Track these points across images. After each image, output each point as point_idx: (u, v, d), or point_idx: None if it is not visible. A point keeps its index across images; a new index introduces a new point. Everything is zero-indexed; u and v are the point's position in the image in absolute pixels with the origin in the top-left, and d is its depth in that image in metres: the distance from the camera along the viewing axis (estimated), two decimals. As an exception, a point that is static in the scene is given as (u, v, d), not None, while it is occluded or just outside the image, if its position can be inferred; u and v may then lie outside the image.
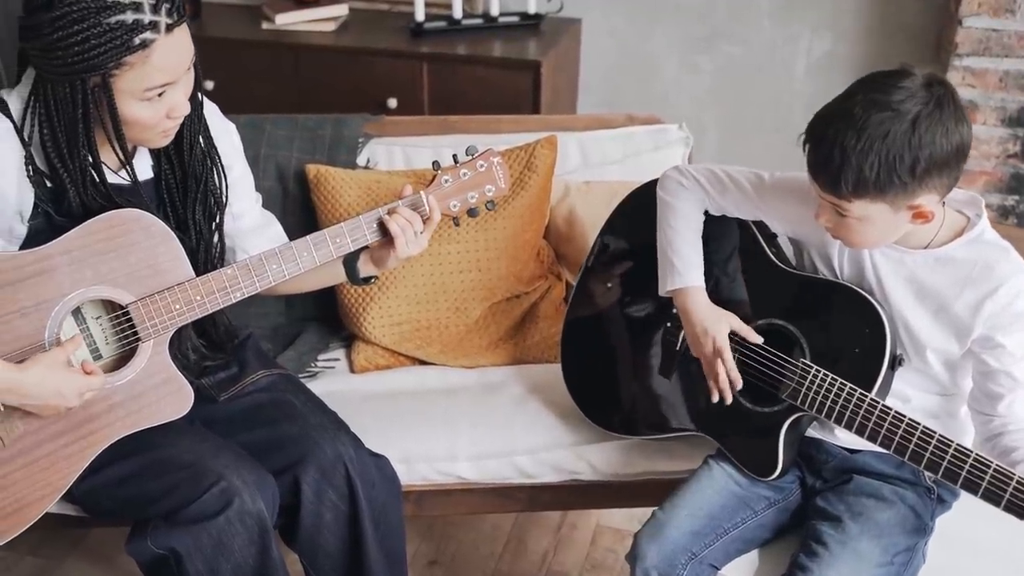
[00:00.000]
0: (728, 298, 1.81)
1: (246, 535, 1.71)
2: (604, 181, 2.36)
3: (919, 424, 1.53)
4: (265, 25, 3.21)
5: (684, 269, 1.77)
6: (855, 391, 1.59)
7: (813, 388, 1.64)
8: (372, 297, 2.21)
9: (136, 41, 1.52)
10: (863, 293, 1.63)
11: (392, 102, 3.08)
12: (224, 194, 1.84)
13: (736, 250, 1.82)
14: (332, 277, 1.92)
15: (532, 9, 3.19)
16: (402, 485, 1.94)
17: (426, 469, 2.03)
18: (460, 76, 3.05)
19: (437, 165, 1.83)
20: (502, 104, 2.97)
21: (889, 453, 1.59)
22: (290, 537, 1.86)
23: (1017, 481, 1.43)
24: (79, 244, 1.64)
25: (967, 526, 1.73)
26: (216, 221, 1.84)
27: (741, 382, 1.72)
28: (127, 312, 1.67)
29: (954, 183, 1.49)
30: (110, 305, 1.71)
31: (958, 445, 1.49)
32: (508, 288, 2.27)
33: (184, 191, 1.79)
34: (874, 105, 1.43)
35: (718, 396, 1.74)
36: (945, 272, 1.58)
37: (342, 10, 3.27)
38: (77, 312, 1.69)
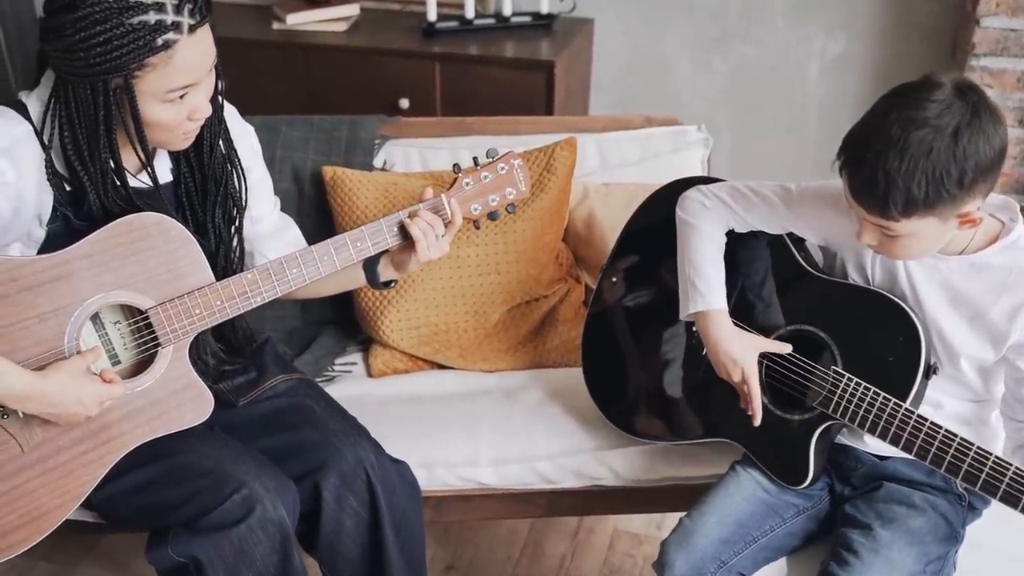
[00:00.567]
0: (756, 303, 1.79)
1: (268, 543, 1.69)
2: (623, 183, 2.35)
3: (956, 435, 1.51)
4: (276, 25, 3.19)
5: (707, 291, 1.73)
6: (889, 400, 1.57)
7: (845, 397, 1.62)
8: (390, 300, 2.19)
9: (159, 42, 1.49)
10: (897, 300, 1.61)
11: (404, 102, 3.06)
12: (244, 198, 1.82)
13: (764, 254, 1.80)
14: (351, 281, 1.90)
15: (545, 9, 3.17)
16: (422, 491, 1.92)
17: (446, 475, 2.01)
18: (472, 76, 3.03)
19: (458, 168, 1.81)
20: (515, 105, 2.95)
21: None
22: (310, 544, 1.85)
23: None
24: (99, 248, 1.62)
25: (998, 534, 1.71)
26: (236, 225, 1.82)
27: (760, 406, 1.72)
28: (147, 317, 1.65)
29: (995, 184, 1.48)
30: (129, 310, 1.69)
31: (996, 457, 1.47)
32: (527, 291, 2.25)
33: (203, 194, 1.77)
34: (912, 123, 1.40)
35: (750, 412, 1.72)
36: (980, 278, 1.56)
37: (353, 10, 3.24)
38: (96, 317, 1.66)
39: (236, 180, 1.80)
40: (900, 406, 1.57)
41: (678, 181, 1.95)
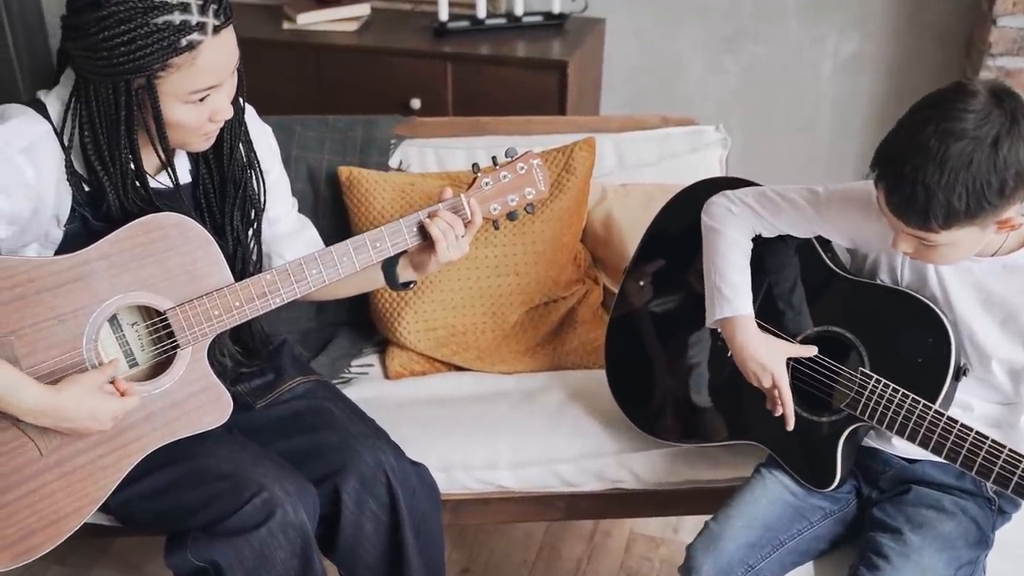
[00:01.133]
0: (782, 305, 1.77)
1: (288, 547, 1.67)
2: (641, 183, 2.33)
3: (986, 437, 1.50)
4: (286, 25, 3.17)
5: (733, 297, 1.71)
6: (918, 402, 1.56)
7: (873, 399, 1.61)
8: (407, 302, 2.17)
9: (183, 42, 1.48)
10: (926, 301, 1.59)
11: (416, 103, 3.04)
12: (262, 200, 1.80)
13: (791, 255, 1.78)
14: (370, 282, 1.88)
15: (556, 9, 3.15)
16: (441, 493, 1.90)
17: (466, 478, 1.99)
18: (484, 76, 3.01)
19: (477, 167, 1.79)
20: (527, 105, 2.93)
21: (952, 464, 1.55)
22: (328, 547, 1.82)
23: None
24: (117, 249, 1.60)
25: (1027, 538, 1.70)
26: (254, 227, 1.80)
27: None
28: (165, 318, 1.63)
29: None
30: (147, 311, 1.67)
31: None
32: (545, 293, 2.23)
33: (222, 196, 1.75)
34: (950, 135, 1.37)
35: (781, 416, 1.71)
36: (1013, 280, 1.55)
37: (364, 9, 3.22)
38: (113, 318, 1.65)
39: (255, 182, 1.78)
40: (929, 408, 1.55)
41: (703, 182, 1.93)
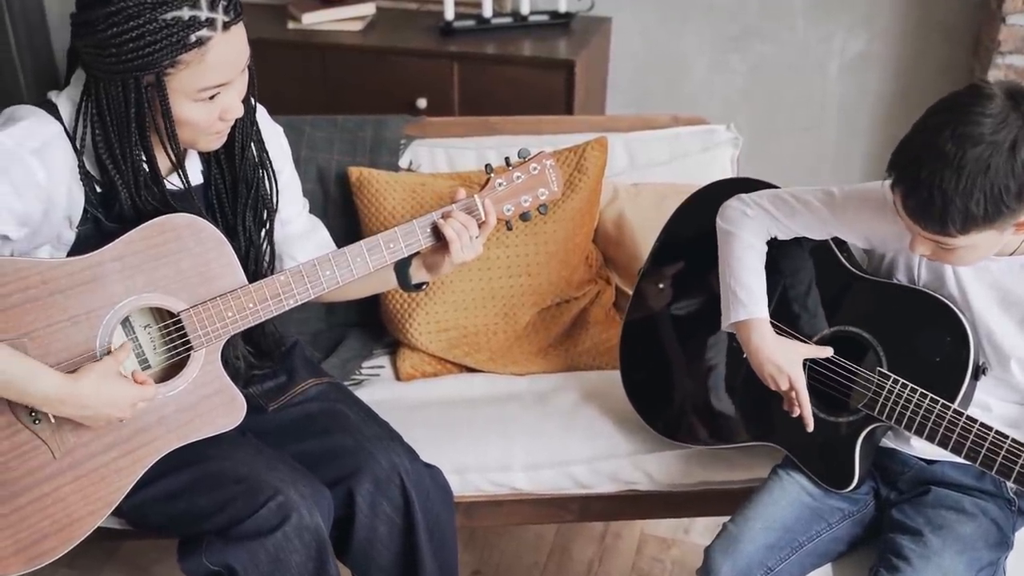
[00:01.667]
0: (798, 305, 1.76)
1: (304, 551, 1.66)
2: (653, 183, 2.32)
3: (1007, 437, 1.49)
4: (291, 25, 3.16)
5: (748, 300, 1.70)
6: (937, 402, 1.55)
7: (891, 399, 1.60)
8: (418, 303, 2.16)
9: (192, 39, 1.46)
10: (944, 300, 1.59)
11: (422, 102, 3.03)
12: (275, 200, 1.78)
13: (806, 256, 1.77)
14: (383, 284, 1.87)
15: (563, 8, 3.14)
16: (454, 496, 1.89)
17: (479, 480, 1.98)
18: (491, 76, 2.99)
19: (490, 168, 1.78)
20: (534, 104, 2.92)
21: (971, 464, 1.54)
22: (342, 550, 1.81)
23: None
24: (131, 250, 1.59)
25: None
26: (266, 228, 1.79)
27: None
28: (178, 320, 1.62)
29: None
30: (158, 313, 1.66)
31: None
32: (558, 293, 2.22)
33: (234, 197, 1.74)
34: (967, 140, 1.36)
35: (798, 417, 1.70)
36: None
37: (369, 9, 3.21)
38: (125, 320, 1.63)
39: (267, 183, 1.77)
40: (948, 407, 1.54)
41: (718, 182, 1.93)
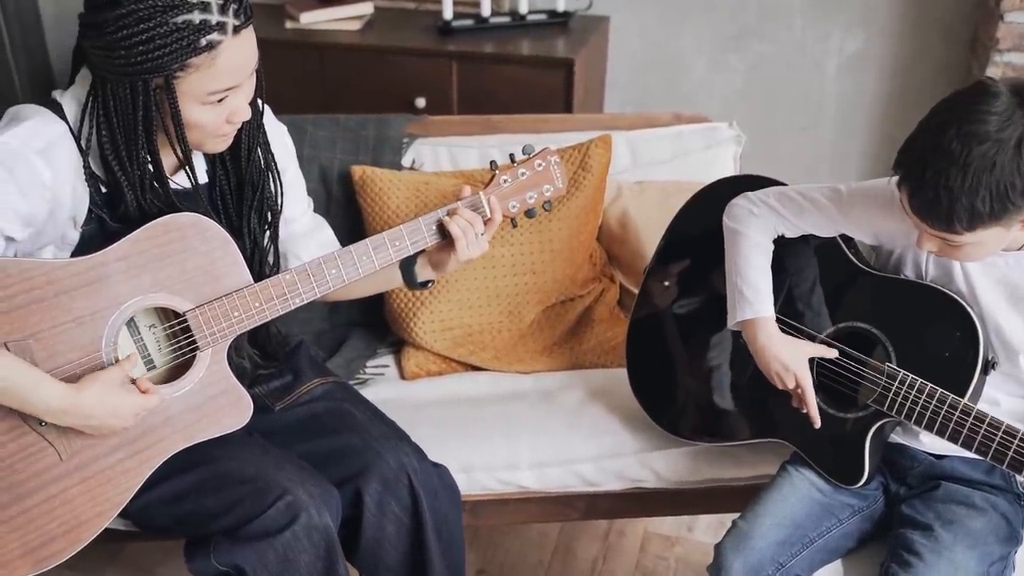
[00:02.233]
0: (806, 302, 1.76)
1: (313, 550, 1.65)
2: (656, 181, 2.32)
3: (1018, 430, 1.49)
4: (289, 24, 3.15)
5: (754, 299, 1.70)
6: (947, 396, 1.55)
7: (901, 394, 1.60)
8: (423, 302, 2.16)
9: (202, 42, 1.45)
10: (953, 295, 1.59)
11: (420, 102, 3.03)
12: (279, 202, 1.78)
13: (813, 252, 1.77)
14: (387, 282, 1.87)
15: (561, 7, 3.14)
16: (461, 495, 1.89)
17: (486, 478, 1.98)
18: (489, 75, 2.99)
19: (495, 165, 1.78)
20: (533, 103, 2.92)
21: (980, 459, 1.55)
22: (349, 550, 1.80)
23: None
24: (136, 250, 1.58)
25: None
26: (271, 229, 1.78)
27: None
28: (184, 320, 1.61)
29: None
30: (163, 313, 1.65)
31: None
32: (562, 291, 2.22)
33: (239, 198, 1.73)
34: (973, 138, 1.36)
35: (806, 413, 1.70)
36: None
37: (367, 8, 3.21)
38: (130, 320, 1.62)
39: (272, 185, 1.76)
40: (959, 402, 1.55)
41: (723, 180, 1.93)
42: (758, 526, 1.64)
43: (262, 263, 1.78)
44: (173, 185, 1.64)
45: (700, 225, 1.91)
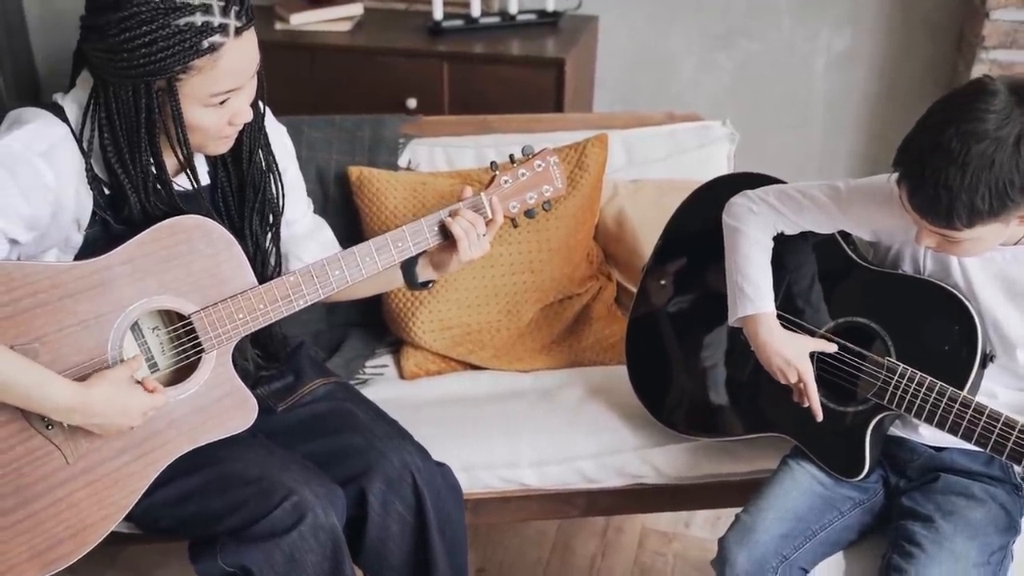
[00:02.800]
0: (806, 297, 1.78)
1: (319, 550, 1.66)
2: (652, 180, 2.33)
3: (1017, 422, 1.51)
4: (279, 26, 3.15)
5: (755, 295, 1.72)
6: (946, 389, 1.57)
7: (901, 387, 1.62)
8: (421, 301, 2.16)
9: (205, 45, 1.46)
10: (952, 290, 1.61)
11: (411, 102, 3.03)
12: (281, 204, 1.78)
13: (812, 248, 1.79)
14: (389, 283, 1.87)
15: (551, 7, 3.15)
16: (463, 493, 1.89)
17: (488, 476, 1.99)
18: (480, 75, 3.00)
19: (495, 165, 1.79)
20: (524, 103, 2.92)
21: (979, 451, 1.57)
22: (353, 550, 1.80)
23: None
24: (141, 252, 1.58)
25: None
26: (272, 231, 1.79)
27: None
28: (189, 322, 1.62)
29: None
30: (167, 315, 1.65)
31: None
32: (560, 290, 2.23)
33: (241, 200, 1.74)
34: (972, 136, 1.38)
35: (808, 408, 1.72)
36: None
37: (357, 9, 3.21)
38: (134, 323, 1.63)
39: (274, 186, 1.77)
40: (958, 394, 1.57)
41: (721, 178, 1.94)
42: (761, 519, 1.66)
43: (264, 264, 1.78)
44: (175, 187, 1.65)
45: (698, 223, 1.93)
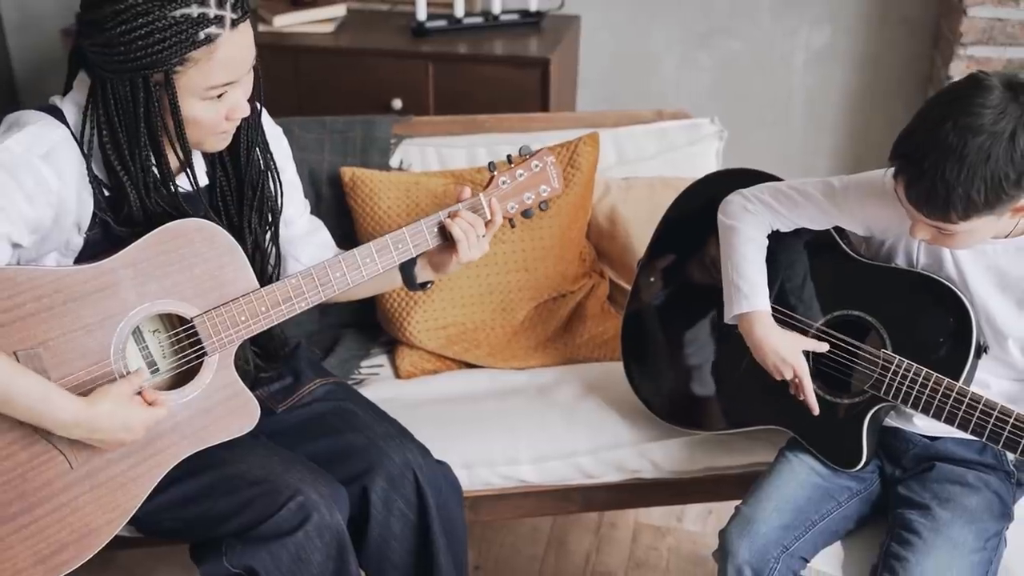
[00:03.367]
0: (801, 291, 1.81)
1: (325, 550, 1.67)
2: (643, 177, 2.35)
3: (1013, 411, 1.54)
4: (262, 27, 3.14)
5: (751, 292, 1.75)
6: (942, 380, 1.60)
7: (897, 379, 1.65)
8: (416, 301, 2.17)
9: (201, 36, 1.46)
10: (947, 283, 1.64)
11: (397, 103, 3.04)
12: (279, 202, 1.79)
13: (807, 243, 1.81)
14: (387, 284, 1.88)
15: (533, 7, 3.17)
16: (463, 491, 1.91)
17: (488, 474, 2.00)
18: (465, 76, 3.01)
19: (493, 166, 1.80)
20: (509, 103, 2.94)
21: (973, 439, 1.60)
22: (355, 549, 1.80)
23: None
24: (143, 256, 1.58)
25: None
26: (271, 229, 1.79)
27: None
28: (192, 326, 1.62)
29: None
30: (168, 319, 1.65)
31: None
32: (554, 287, 2.25)
33: (239, 199, 1.74)
34: (968, 131, 1.41)
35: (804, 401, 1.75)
36: None
37: (340, 10, 3.21)
38: (136, 327, 1.63)
39: (272, 185, 1.77)
40: (954, 385, 1.60)
41: (715, 173, 1.96)
42: (761, 511, 1.69)
43: (264, 263, 1.78)
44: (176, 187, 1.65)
45: (693, 218, 1.95)
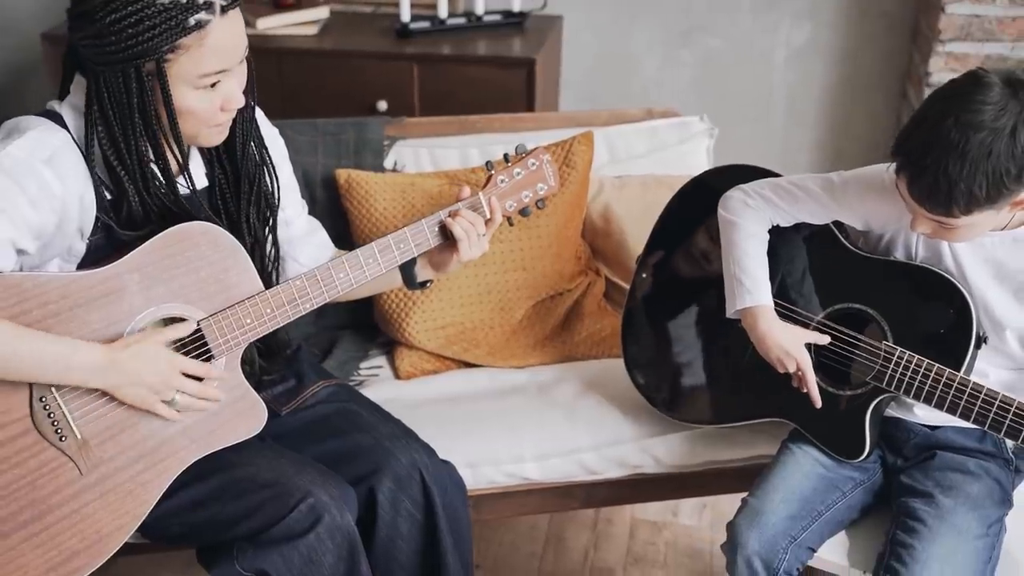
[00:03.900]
0: (802, 285, 1.83)
1: (336, 551, 1.67)
2: (636, 176, 2.37)
3: (1013, 400, 1.58)
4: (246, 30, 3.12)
5: (753, 287, 1.77)
6: (944, 371, 1.63)
7: (899, 370, 1.68)
8: (415, 302, 2.18)
9: (191, 22, 1.46)
10: (946, 275, 1.67)
11: (382, 104, 3.04)
12: (276, 196, 1.79)
13: (807, 238, 1.84)
14: (387, 283, 1.89)
15: (516, 7, 3.18)
16: (468, 490, 1.91)
17: (492, 472, 2.01)
18: (450, 76, 3.02)
19: (490, 165, 1.81)
20: (494, 103, 2.95)
21: (973, 428, 1.63)
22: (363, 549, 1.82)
23: None
24: (149, 260, 1.58)
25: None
26: (270, 224, 1.79)
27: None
28: (198, 329, 1.61)
29: None
30: (172, 322, 1.65)
31: None
32: (552, 286, 2.26)
33: (237, 194, 1.73)
34: (970, 127, 1.44)
35: (807, 393, 1.77)
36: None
37: (323, 13, 3.21)
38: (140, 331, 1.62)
39: (268, 178, 1.77)
40: (955, 376, 1.63)
41: (713, 170, 1.99)
42: (768, 502, 1.71)
43: (263, 260, 1.78)
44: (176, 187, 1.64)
45: (691, 213, 1.97)
